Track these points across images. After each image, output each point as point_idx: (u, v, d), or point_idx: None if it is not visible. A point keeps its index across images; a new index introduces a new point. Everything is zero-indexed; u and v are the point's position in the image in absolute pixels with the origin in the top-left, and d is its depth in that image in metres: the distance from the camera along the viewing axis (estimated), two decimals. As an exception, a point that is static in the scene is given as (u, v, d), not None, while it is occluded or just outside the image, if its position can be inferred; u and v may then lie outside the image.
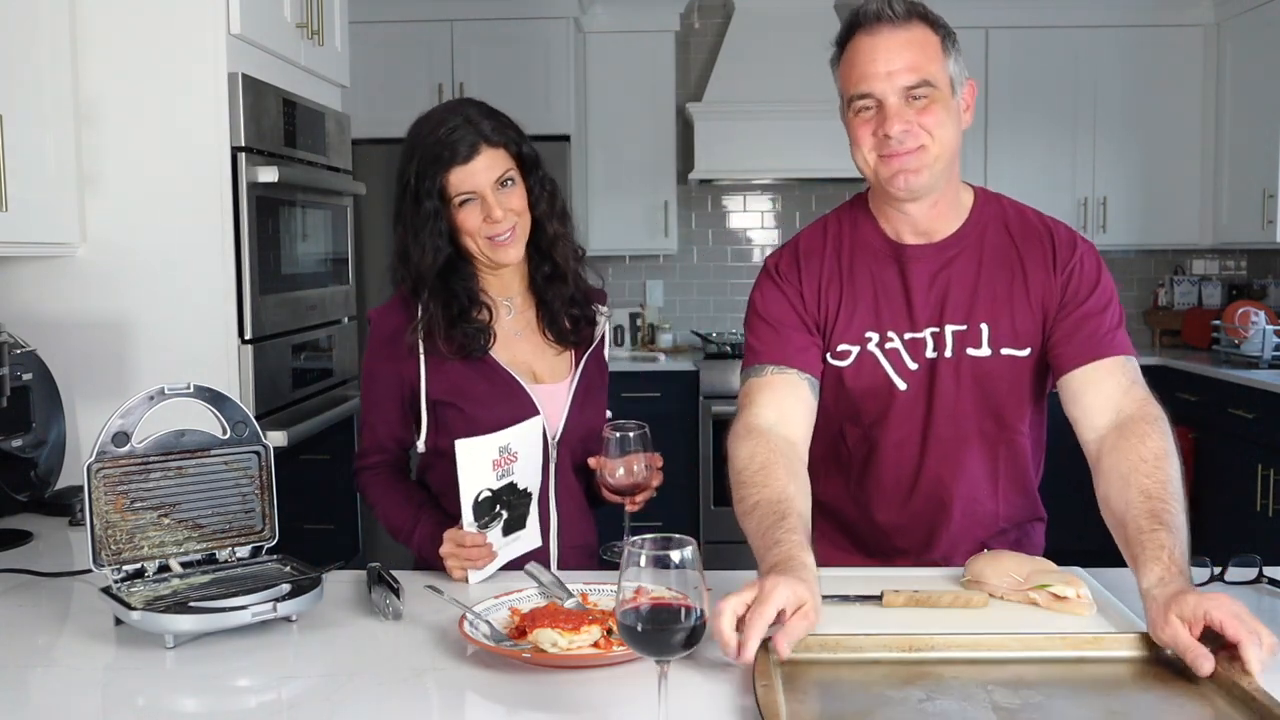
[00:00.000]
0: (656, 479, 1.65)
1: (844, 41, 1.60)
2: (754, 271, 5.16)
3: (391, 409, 1.77)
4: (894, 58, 1.52)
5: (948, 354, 1.64)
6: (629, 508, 1.66)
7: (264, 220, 2.41)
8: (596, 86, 4.81)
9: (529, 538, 1.68)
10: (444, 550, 1.62)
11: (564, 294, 1.78)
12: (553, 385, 1.77)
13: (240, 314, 2.34)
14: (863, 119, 1.56)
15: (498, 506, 1.61)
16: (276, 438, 2.29)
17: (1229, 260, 5.24)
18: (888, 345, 1.65)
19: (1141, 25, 4.82)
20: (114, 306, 2.30)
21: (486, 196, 1.67)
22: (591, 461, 1.67)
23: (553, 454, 1.74)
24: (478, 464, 1.58)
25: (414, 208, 1.69)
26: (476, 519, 1.59)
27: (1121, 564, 1.70)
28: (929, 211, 1.62)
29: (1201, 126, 4.85)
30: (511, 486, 1.63)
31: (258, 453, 1.60)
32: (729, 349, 4.71)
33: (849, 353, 1.66)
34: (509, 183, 1.69)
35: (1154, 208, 4.90)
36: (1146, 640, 1.30)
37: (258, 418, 1.88)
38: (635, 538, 1.05)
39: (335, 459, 2.97)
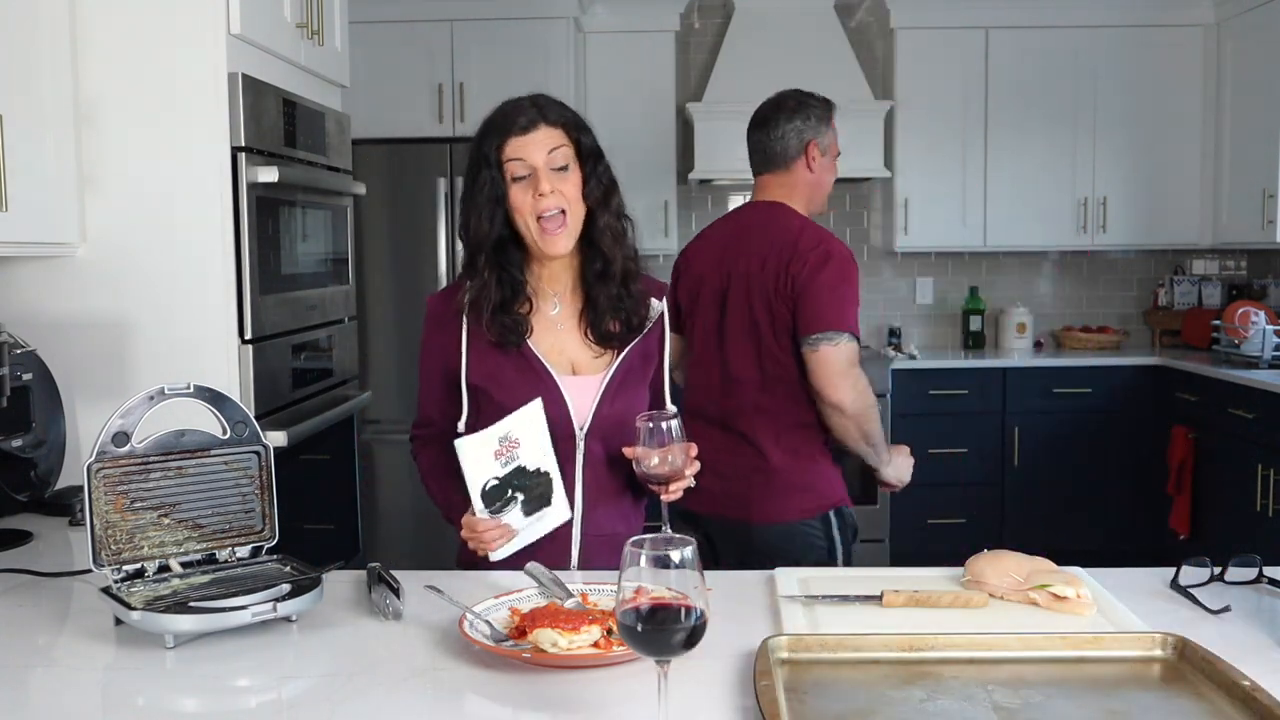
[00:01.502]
0: (692, 468, 1.66)
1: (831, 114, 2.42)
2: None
3: (437, 385, 1.82)
4: None
5: None
6: (665, 497, 1.67)
7: (264, 220, 2.41)
8: (596, 86, 4.81)
9: (557, 512, 1.70)
10: (463, 535, 1.68)
11: (609, 292, 1.77)
12: (589, 377, 1.78)
13: (240, 314, 2.34)
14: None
15: (509, 491, 1.64)
16: (276, 438, 2.29)
17: (1229, 260, 5.24)
18: None
19: (1141, 25, 4.82)
20: (114, 306, 2.30)
21: (538, 169, 1.70)
22: (627, 451, 1.68)
23: (579, 444, 1.75)
24: (480, 458, 1.62)
25: (474, 176, 1.74)
26: (487, 505, 1.63)
27: (1121, 564, 1.71)
28: None
29: (1201, 126, 4.85)
30: (520, 470, 1.64)
31: (258, 453, 1.60)
32: (729, 349, 4.71)
33: None
34: (564, 168, 1.72)
35: (1154, 208, 4.90)
36: (1146, 640, 1.30)
37: (258, 418, 1.88)
38: (635, 537, 1.05)
39: (335, 459, 2.97)
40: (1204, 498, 4.38)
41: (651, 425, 1.61)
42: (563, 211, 1.70)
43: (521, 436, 1.65)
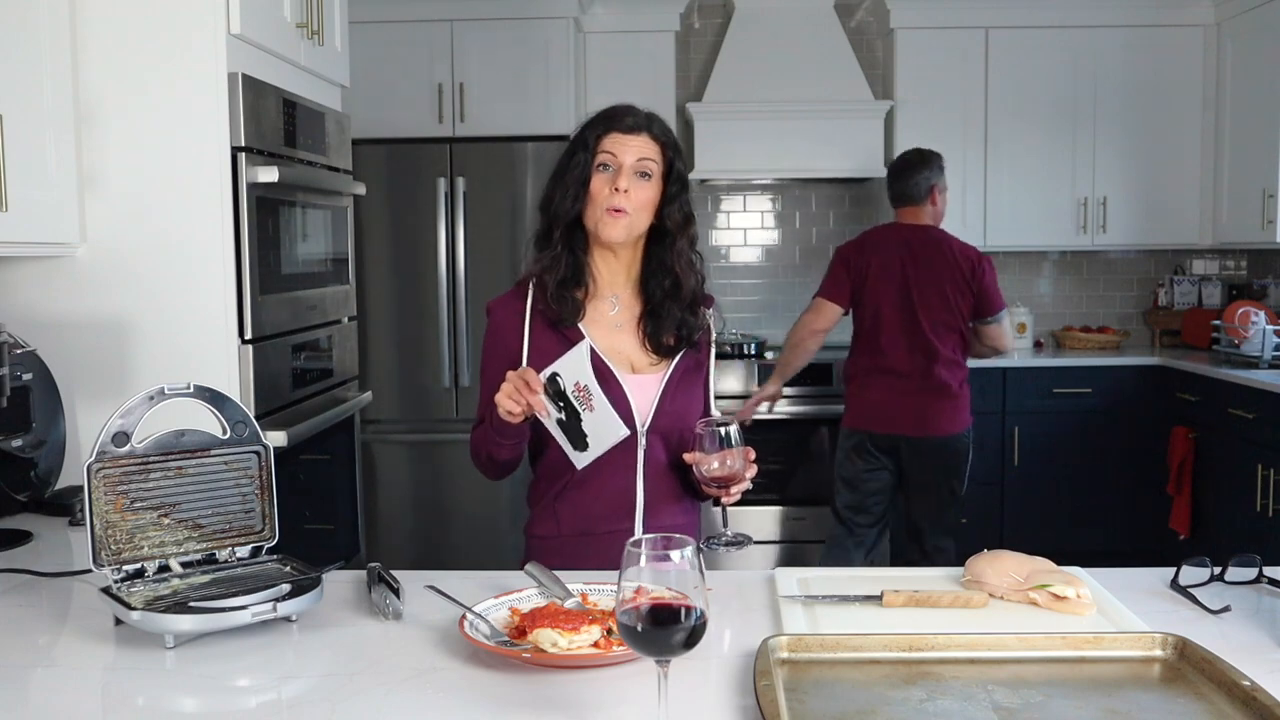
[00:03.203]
0: (750, 471, 1.68)
1: None
2: (754, 272, 5.20)
3: (498, 387, 1.82)
4: None
5: None
6: (724, 500, 1.71)
7: (264, 220, 2.41)
8: (596, 86, 4.80)
9: (605, 430, 1.73)
10: (501, 393, 1.66)
11: (676, 313, 1.82)
12: (648, 375, 1.82)
13: (240, 314, 2.33)
14: None
15: (560, 402, 1.71)
16: (276, 438, 2.29)
17: (1229, 260, 5.23)
18: None
19: (1141, 25, 4.82)
20: (114, 306, 2.30)
21: (623, 167, 1.77)
22: (687, 456, 1.71)
23: (641, 440, 1.79)
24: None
25: (569, 156, 1.82)
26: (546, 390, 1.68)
27: (1121, 564, 1.71)
28: None
29: (1201, 126, 4.85)
30: (560, 391, 1.71)
31: (258, 453, 1.60)
32: (729, 349, 4.70)
33: None
34: (647, 175, 1.78)
35: (1154, 208, 4.89)
36: (1146, 640, 1.30)
37: (258, 418, 1.88)
38: (635, 537, 1.05)
39: (335, 459, 2.97)
40: (1204, 498, 4.38)
41: (712, 431, 1.65)
42: (624, 211, 1.76)
43: (566, 378, 1.71)
